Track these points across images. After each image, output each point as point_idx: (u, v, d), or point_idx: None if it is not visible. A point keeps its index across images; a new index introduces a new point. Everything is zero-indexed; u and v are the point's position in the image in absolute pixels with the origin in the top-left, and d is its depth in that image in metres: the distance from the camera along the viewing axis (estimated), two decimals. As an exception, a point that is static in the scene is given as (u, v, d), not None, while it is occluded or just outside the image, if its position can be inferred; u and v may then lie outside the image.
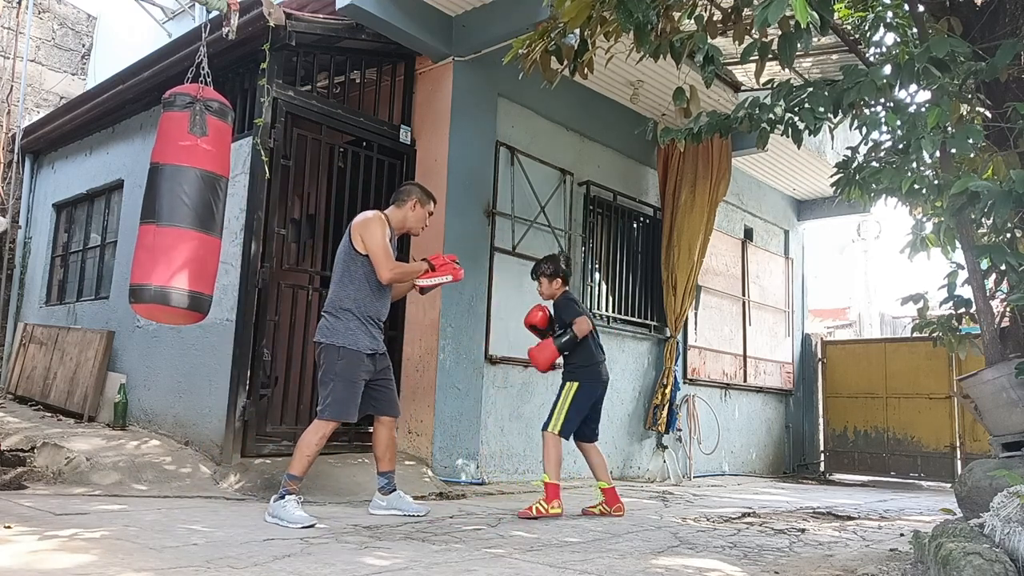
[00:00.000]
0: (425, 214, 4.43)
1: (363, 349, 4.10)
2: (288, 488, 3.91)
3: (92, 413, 6.42)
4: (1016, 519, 2.57)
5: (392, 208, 4.43)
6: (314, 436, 4.03)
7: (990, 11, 3.69)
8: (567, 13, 3.70)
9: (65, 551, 2.87)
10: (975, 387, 3.48)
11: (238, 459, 5.05)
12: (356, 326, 4.11)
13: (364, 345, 4.11)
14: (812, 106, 3.61)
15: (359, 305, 4.14)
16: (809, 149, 8.50)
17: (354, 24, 5.70)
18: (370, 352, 4.14)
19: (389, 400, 4.32)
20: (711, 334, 8.74)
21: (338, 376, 4.06)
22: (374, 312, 4.19)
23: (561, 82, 4.58)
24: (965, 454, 8.80)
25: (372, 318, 4.18)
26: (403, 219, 4.39)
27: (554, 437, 4.62)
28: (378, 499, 4.33)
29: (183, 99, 4.02)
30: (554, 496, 4.50)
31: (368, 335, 4.14)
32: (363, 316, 4.14)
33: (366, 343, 4.12)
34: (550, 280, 4.87)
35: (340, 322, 4.11)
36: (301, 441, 4.06)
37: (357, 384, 4.09)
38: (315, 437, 4.03)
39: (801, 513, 5.29)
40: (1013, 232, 3.69)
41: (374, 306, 4.19)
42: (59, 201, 8.29)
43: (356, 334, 4.10)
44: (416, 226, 4.45)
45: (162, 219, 3.93)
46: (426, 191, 4.50)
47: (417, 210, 4.40)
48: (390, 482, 4.33)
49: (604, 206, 7.44)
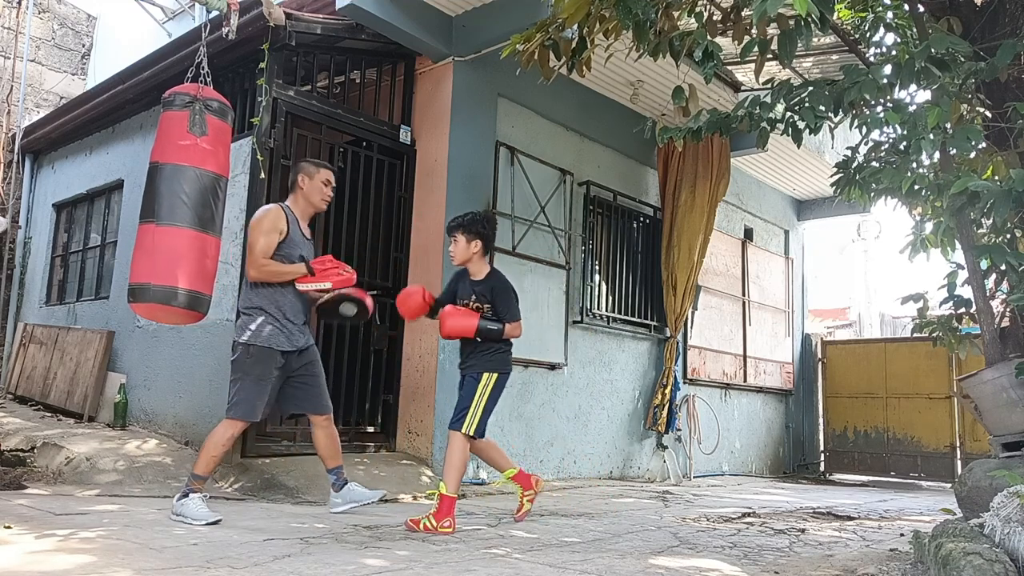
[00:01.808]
0: (319, 184, 4.19)
1: (274, 346, 4.00)
2: (192, 487, 3.83)
3: (92, 413, 6.42)
4: (1016, 519, 2.57)
5: (290, 197, 4.24)
6: (221, 436, 3.95)
7: (990, 11, 3.69)
8: (566, 10, 3.70)
9: (65, 551, 2.87)
10: (975, 387, 3.48)
11: (238, 459, 5.05)
12: (269, 323, 4.01)
13: (276, 342, 4.01)
14: (812, 105, 3.61)
15: (276, 303, 4.04)
16: (809, 149, 8.50)
17: (354, 24, 5.70)
18: (286, 349, 4.04)
19: (315, 396, 4.18)
20: (711, 334, 8.74)
21: (246, 374, 3.99)
22: (292, 309, 4.07)
23: (561, 82, 4.58)
24: (965, 454, 8.80)
25: (289, 315, 4.06)
26: (304, 201, 4.21)
27: (463, 439, 4.01)
28: (333, 497, 4.25)
29: (183, 98, 4.02)
30: (448, 512, 3.82)
31: (283, 332, 4.02)
32: (278, 313, 4.04)
33: (281, 340, 4.02)
34: (468, 240, 4.12)
35: (251, 319, 4.02)
36: (208, 440, 3.97)
37: (265, 383, 3.99)
38: (222, 438, 3.95)
39: (801, 513, 5.29)
40: (1013, 232, 3.69)
41: (292, 304, 4.07)
42: (59, 201, 8.29)
43: (270, 332, 4.00)
44: (318, 199, 4.21)
45: (161, 218, 3.92)
46: (312, 162, 4.30)
47: (308, 184, 4.19)
48: (338, 478, 4.23)
49: (604, 206, 7.44)
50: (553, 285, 6.74)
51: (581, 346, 7.02)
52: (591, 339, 7.15)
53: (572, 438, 6.85)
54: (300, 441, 5.43)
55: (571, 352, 6.87)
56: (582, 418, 6.96)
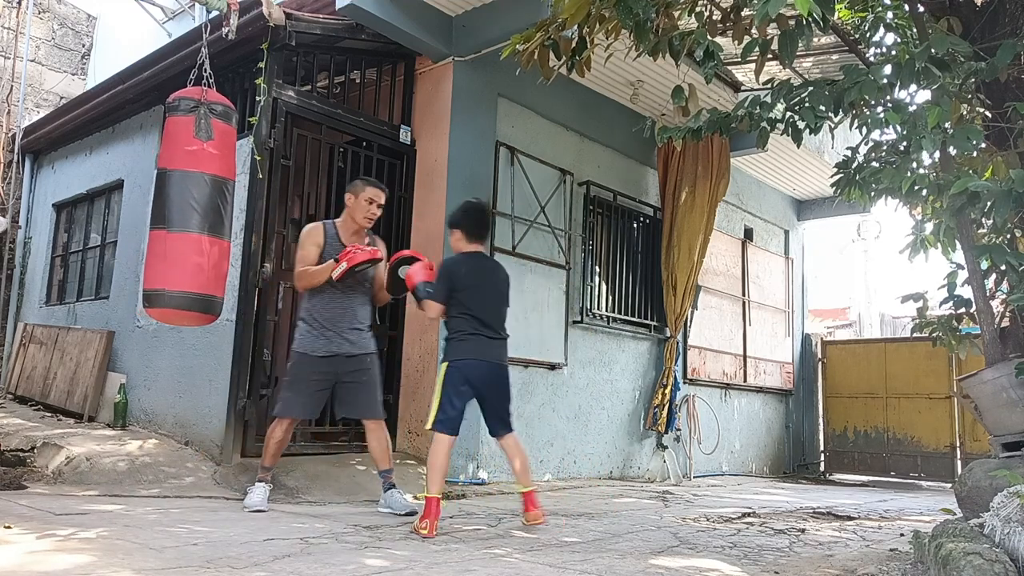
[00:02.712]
0: (363, 202, 4.40)
1: (310, 351, 4.28)
2: (260, 477, 4.34)
3: (92, 413, 6.42)
4: (1016, 519, 2.57)
5: (342, 215, 4.51)
6: (270, 432, 4.36)
7: (990, 11, 3.68)
8: (567, 10, 3.70)
9: (65, 551, 2.87)
10: (975, 387, 3.48)
11: (238, 459, 5.05)
12: (307, 331, 4.32)
13: (312, 347, 4.29)
14: (812, 105, 3.60)
15: (311, 312, 4.34)
16: (809, 149, 8.50)
17: (354, 24, 5.70)
18: (323, 354, 4.28)
19: (363, 402, 4.39)
20: (711, 334, 8.74)
21: (288, 376, 4.34)
22: (327, 316, 4.32)
23: (561, 82, 4.58)
24: (965, 454, 8.80)
25: (325, 322, 4.31)
26: (350, 219, 4.45)
27: (435, 437, 3.91)
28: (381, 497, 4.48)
29: (187, 103, 4.05)
30: (428, 514, 3.67)
31: (320, 338, 4.30)
32: (314, 321, 4.32)
33: (316, 345, 4.29)
34: (451, 230, 4.21)
35: (297, 329, 4.38)
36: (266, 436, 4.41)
37: (303, 385, 4.28)
38: (271, 433, 4.36)
39: (801, 513, 5.29)
40: (1013, 232, 3.69)
41: (327, 311, 4.33)
42: (59, 201, 8.29)
43: (307, 339, 4.30)
44: (360, 216, 4.42)
45: (173, 225, 4.00)
46: (363, 179, 4.57)
47: (353, 201, 4.42)
48: (385, 480, 4.43)
49: (604, 206, 7.44)
50: (553, 285, 6.74)
51: (581, 346, 7.02)
52: (591, 339, 7.15)
53: (572, 438, 6.85)
54: (300, 441, 5.43)
55: (571, 352, 6.87)
56: (582, 418, 6.96)
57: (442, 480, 3.86)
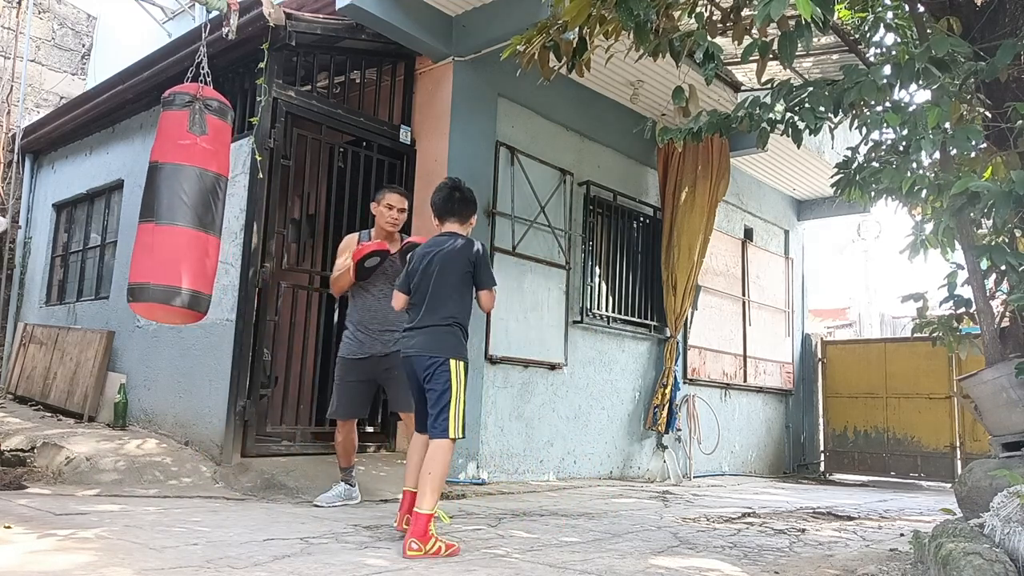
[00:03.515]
0: (383, 209, 4.51)
1: (347, 355, 4.45)
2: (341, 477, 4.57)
3: (92, 413, 6.42)
4: (1016, 519, 2.57)
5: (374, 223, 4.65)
6: (335, 437, 4.57)
7: (990, 11, 3.68)
8: (567, 12, 3.70)
9: (65, 551, 2.87)
10: (975, 387, 3.48)
11: (238, 459, 5.05)
12: (347, 336, 4.50)
13: (348, 351, 4.46)
14: (812, 105, 3.60)
15: (349, 317, 4.54)
16: (809, 149, 8.50)
17: (354, 24, 5.70)
18: (358, 357, 4.43)
19: (396, 398, 4.53)
20: (711, 334, 8.74)
21: (335, 381, 4.53)
22: (361, 320, 4.47)
23: (561, 82, 4.58)
24: (965, 454, 8.80)
25: (359, 326, 4.47)
26: (377, 226, 4.57)
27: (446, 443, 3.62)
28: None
29: (182, 98, 4.02)
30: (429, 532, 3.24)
31: (355, 342, 4.45)
32: (351, 326, 4.49)
33: (352, 349, 4.45)
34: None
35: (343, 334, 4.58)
36: None
37: (343, 387, 4.45)
38: (335, 437, 4.57)
39: (801, 513, 5.29)
40: (1013, 232, 3.69)
41: (362, 315, 4.48)
42: (59, 201, 8.29)
43: (345, 343, 4.50)
44: (383, 221, 4.53)
45: (161, 218, 3.92)
46: (386, 186, 4.72)
47: (376, 208, 4.55)
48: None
49: (604, 206, 7.44)
50: (553, 285, 6.74)
51: (581, 346, 7.02)
52: (591, 339, 7.16)
53: (572, 438, 6.85)
54: (300, 441, 5.44)
55: (571, 352, 6.87)
56: (582, 418, 6.96)
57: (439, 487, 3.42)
